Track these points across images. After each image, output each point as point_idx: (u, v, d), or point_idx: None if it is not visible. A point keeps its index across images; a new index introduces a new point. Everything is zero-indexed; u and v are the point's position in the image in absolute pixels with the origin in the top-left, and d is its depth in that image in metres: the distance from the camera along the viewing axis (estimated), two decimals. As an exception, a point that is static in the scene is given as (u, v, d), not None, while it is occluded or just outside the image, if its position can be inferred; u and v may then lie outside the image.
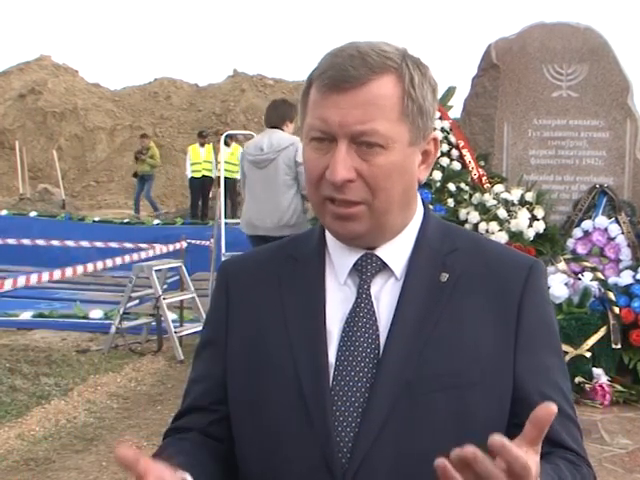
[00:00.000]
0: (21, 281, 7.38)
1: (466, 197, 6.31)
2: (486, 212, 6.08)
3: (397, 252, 1.17)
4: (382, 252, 1.17)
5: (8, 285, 7.07)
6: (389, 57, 1.08)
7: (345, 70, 1.06)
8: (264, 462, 1.14)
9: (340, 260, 1.18)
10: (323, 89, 1.09)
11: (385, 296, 1.15)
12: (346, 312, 1.15)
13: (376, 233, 1.14)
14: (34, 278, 7.45)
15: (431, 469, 1.08)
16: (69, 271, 7.76)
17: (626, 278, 5.72)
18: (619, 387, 5.31)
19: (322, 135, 1.09)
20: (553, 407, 0.85)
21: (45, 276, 7.63)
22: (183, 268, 7.20)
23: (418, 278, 1.15)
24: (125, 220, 14.93)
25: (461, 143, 6.58)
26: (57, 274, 7.70)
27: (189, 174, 16.15)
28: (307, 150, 1.13)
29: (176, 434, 1.24)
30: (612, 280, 5.72)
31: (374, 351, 1.12)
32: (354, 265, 1.17)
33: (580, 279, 5.60)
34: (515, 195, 6.14)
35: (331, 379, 1.11)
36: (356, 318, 1.14)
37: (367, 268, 1.16)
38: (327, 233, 1.21)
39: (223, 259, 6.76)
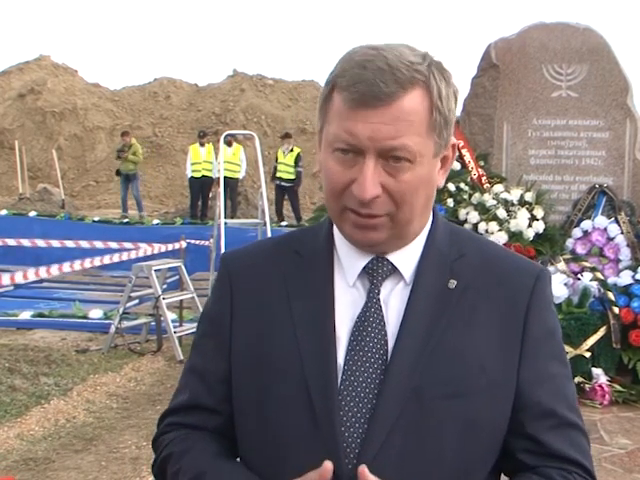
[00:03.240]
0: (19, 276, 7.39)
1: (466, 197, 6.31)
2: (486, 212, 6.08)
3: (407, 256, 1.16)
4: (393, 256, 1.16)
5: (6, 280, 7.06)
6: (417, 70, 1.06)
7: (376, 86, 1.04)
8: (267, 464, 1.13)
9: (350, 262, 1.17)
10: (352, 103, 1.07)
11: (394, 301, 1.15)
12: (355, 315, 1.14)
13: (395, 241, 1.14)
14: (31, 274, 7.45)
15: (436, 474, 1.08)
16: (66, 267, 7.76)
17: (625, 278, 5.72)
18: (618, 387, 5.32)
19: (349, 147, 1.08)
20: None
21: (42, 272, 7.63)
22: (183, 268, 7.20)
23: (427, 284, 1.15)
24: (125, 220, 14.94)
25: (460, 143, 6.58)
26: (54, 270, 7.70)
27: (189, 174, 16.15)
28: (330, 159, 1.11)
29: (184, 429, 1.23)
30: (611, 280, 5.73)
31: (382, 356, 1.11)
32: (364, 268, 1.16)
33: (580, 279, 5.60)
34: (515, 195, 6.14)
35: (339, 382, 1.10)
36: (365, 322, 1.13)
37: (378, 272, 1.15)
38: (335, 232, 1.20)
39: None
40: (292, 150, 15.62)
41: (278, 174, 15.49)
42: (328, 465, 1.02)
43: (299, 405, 1.11)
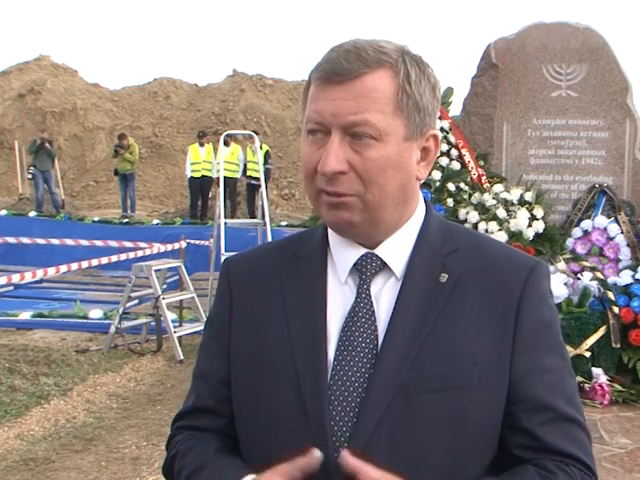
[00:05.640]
0: (15, 277, 7.40)
1: (465, 197, 6.32)
2: (485, 212, 6.08)
3: (397, 252, 1.17)
4: (382, 251, 1.17)
5: (2, 281, 7.07)
6: (385, 52, 1.09)
7: (339, 63, 1.08)
8: (262, 456, 1.14)
9: (341, 259, 1.18)
10: (318, 82, 1.11)
11: (385, 296, 1.15)
12: (346, 311, 1.15)
13: (370, 226, 1.13)
14: (29, 275, 7.46)
15: (426, 468, 1.08)
16: (64, 268, 7.76)
17: (625, 278, 5.72)
18: (618, 387, 5.32)
19: (317, 127, 1.10)
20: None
21: (39, 273, 7.63)
22: (182, 268, 7.20)
23: (417, 278, 1.15)
24: (125, 220, 14.94)
25: (460, 143, 6.58)
26: (52, 271, 7.70)
27: (189, 174, 16.16)
28: (304, 144, 1.14)
29: (190, 431, 1.26)
30: (611, 280, 5.73)
31: (372, 351, 1.12)
32: (354, 264, 1.17)
33: (579, 279, 5.61)
34: (514, 195, 6.14)
35: (329, 378, 1.12)
36: (355, 318, 1.14)
37: (367, 268, 1.16)
38: (329, 231, 1.21)
39: (223, 259, 6.76)
40: (261, 148, 15.74)
41: (248, 172, 15.87)
42: (316, 452, 1.05)
43: (291, 401, 1.12)
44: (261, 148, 15.69)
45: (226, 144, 15.29)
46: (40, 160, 16.20)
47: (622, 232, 6.08)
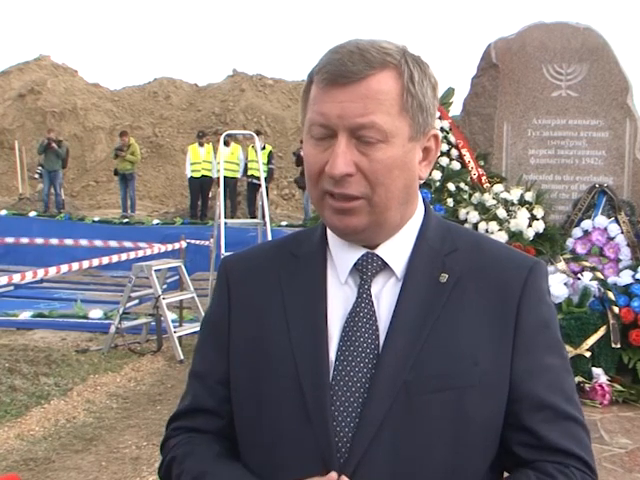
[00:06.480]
0: (16, 277, 7.40)
1: (466, 197, 6.31)
2: (486, 212, 6.08)
3: (398, 252, 1.17)
4: (383, 252, 1.17)
5: (3, 281, 7.07)
6: (388, 53, 1.09)
7: (344, 65, 1.07)
8: (263, 457, 1.14)
9: (341, 259, 1.18)
10: (322, 84, 1.10)
11: (385, 296, 1.15)
12: (347, 311, 1.15)
13: (375, 229, 1.14)
14: (29, 275, 7.47)
15: (428, 468, 1.08)
16: (64, 268, 7.76)
17: (625, 278, 5.72)
18: (618, 387, 5.32)
19: (321, 129, 1.10)
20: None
21: (40, 273, 7.64)
22: (183, 268, 7.20)
23: (418, 278, 1.15)
24: (125, 220, 14.95)
25: (460, 143, 6.58)
26: (52, 271, 7.70)
27: (189, 174, 16.17)
28: (307, 146, 1.13)
29: (188, 433, 1.25)
30: (612, 280, 5.72)
31: (373, 351, 1.12)
32: (355, 265, 1.17)
33: (580, 279, 5.60)
34: (515, 195, 6.14)
35: (330, 377, 1.11)
36: (356, 318, 1.14)
37: (368, 268, 1.16)
38: (329, 231, 1.21)
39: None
40: (264, 148, 15.72)
41: (249, 172, 15.86)
42: (333, 476, 1.04)
43: (292, 401, 1.12)
44: (264, 148, 15.70)
45: (226, 144, 15.29)
46: (48, 160, 16.22)
47: (622, 232, 6.08)
